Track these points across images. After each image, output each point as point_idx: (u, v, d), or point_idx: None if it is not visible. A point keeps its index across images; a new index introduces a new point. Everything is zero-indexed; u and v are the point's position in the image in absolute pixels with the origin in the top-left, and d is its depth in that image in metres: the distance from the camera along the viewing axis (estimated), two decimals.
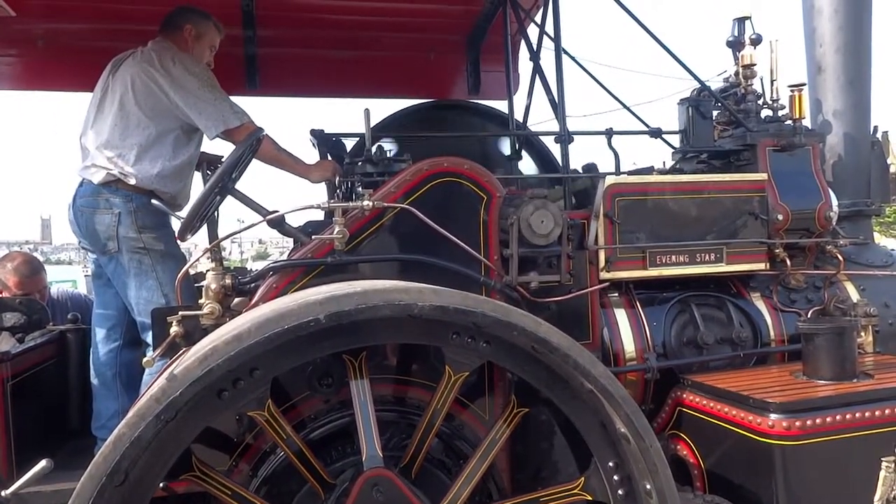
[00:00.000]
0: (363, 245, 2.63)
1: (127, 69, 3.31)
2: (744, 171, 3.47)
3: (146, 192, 3.23)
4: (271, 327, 1.92)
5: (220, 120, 3.21)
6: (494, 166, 4.03)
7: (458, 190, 2.73)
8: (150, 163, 3.25)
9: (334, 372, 2.47)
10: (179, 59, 3.27)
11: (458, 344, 2.16)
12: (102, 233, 3.21)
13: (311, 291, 2.18)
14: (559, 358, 2.14)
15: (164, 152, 3.27)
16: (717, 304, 3.29)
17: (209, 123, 3.21)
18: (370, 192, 2.63)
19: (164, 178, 3.26)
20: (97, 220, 3.22)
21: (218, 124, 3.21)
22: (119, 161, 3.22)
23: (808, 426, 2.48)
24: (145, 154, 3.24)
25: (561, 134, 3.28)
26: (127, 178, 3.22)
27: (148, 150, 3.24)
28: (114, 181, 3.23)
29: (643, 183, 3.17)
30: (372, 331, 2.09)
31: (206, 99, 3.21)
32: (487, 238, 2.75)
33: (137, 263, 3.19)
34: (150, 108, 3.26)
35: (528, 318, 2.15)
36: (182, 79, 3.21)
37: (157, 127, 3.26)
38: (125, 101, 3.27)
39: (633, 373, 3.06)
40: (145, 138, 3.25)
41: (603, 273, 3.01)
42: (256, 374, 1.99)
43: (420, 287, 2.12)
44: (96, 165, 3.25)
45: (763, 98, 3.73)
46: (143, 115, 3.25)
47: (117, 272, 3.23)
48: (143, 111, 3.26)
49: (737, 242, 3.23)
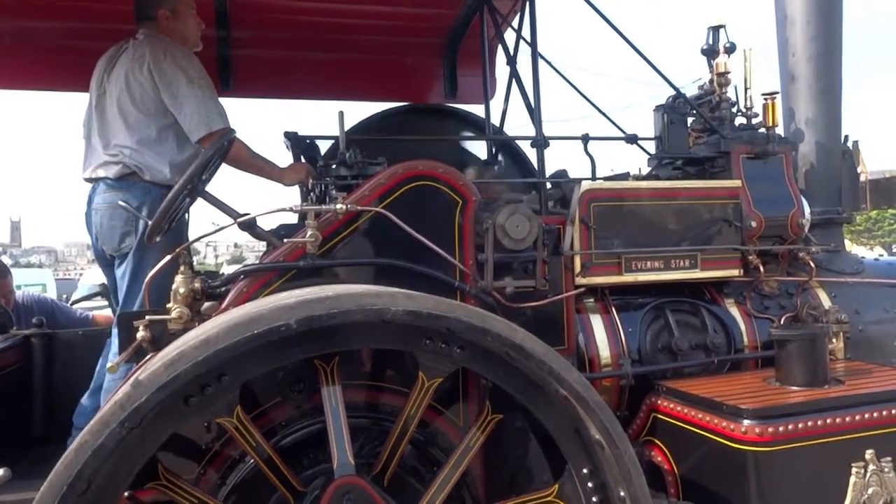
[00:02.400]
0: (336, 249, 2.61)
1: (121, 67, 3.29)
2: (718, 177, 3.49)
3: (164, 187, 3.19)
4: (241, 332, 1.89)
5: (204, 123, 3.17)
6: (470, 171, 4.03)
7: (434, 194, 2.71)
8: (157, 159, 3.22)
9: (306, 378, 2.44)
10: (171, 53, 3.23)
11: (432, 349, 2.14)
12: (120, 229, 3.17)
13: (282, 296, 2.15)
14: (534, 364, 2.13)
15: (168, 148, 3.25)
16: (691, 311, 3.31)
17: (192, 125, 3.18)
18: (344, 195, 2.62)
19: (177, 171, 3.23)
20: (115, 216, 3.17)
21: (201, 127, 3.17)
22: (132, 155, 3.19)
23: (781, 432, 2.49)
24: (150, 151, 3.22)
25: (537, 139, 3.28)
26: (142, 172, 3.19)
27: (152, 147, 3.23)
28: (129, 174, 3.20)
29: (619, 189, 3.17)
30: (344, 336, 2.06)
31: (191, 98, 3.17)
32: (463, 242, 2.74)
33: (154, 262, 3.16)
34: (146, 108, 3.23)
35: (502, 324, 2.14)
36: (170, 74, 3.18)
37: (156, 124, 3.24)
38: (122, 101, 3.25)
39: (608, 379, 3.05)
40: (147, 136, 3.23)
41: (578, 278, 3.01)
42: (225, 379, 1.95)
43: (393, 291, 2.10)
44: (109, 162, 3.22)
45: (737, 106, 3.77)
46: (140, 116, 3.23)
47: (127, 271, 3.19)
48: (140, 111, 3.23)
49: (711, 249, 3.24)
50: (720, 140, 3.55)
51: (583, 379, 2.20)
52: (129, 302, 3.23)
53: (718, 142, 3.55)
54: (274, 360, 2.03)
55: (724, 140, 3.53)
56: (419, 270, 2.63)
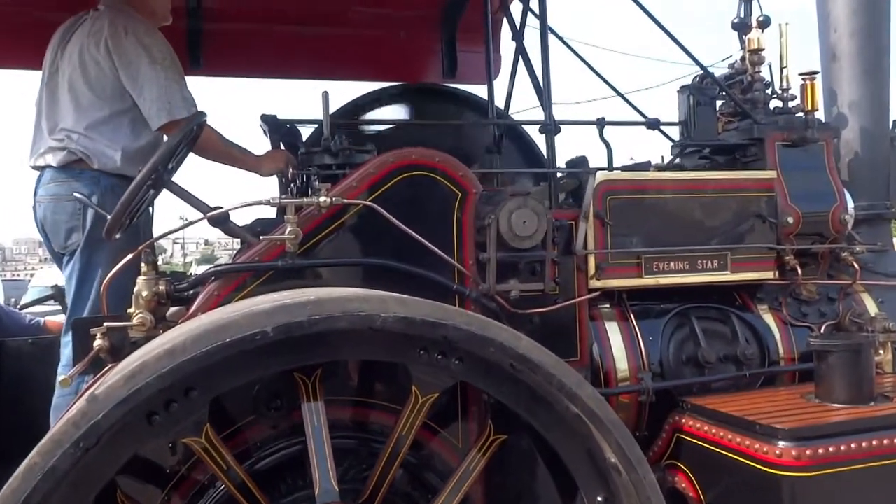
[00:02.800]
0: (319, 247, 2.61)
1: (76, 42, 3.27)
2: (750, 167, 3.49)
3: (114, 176, 3.18)
4: (210, 340, 1.89)
5: (165, 109, 3.16)
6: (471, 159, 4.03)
7: (429, 185, 2.72)
8: (108, 145, 3.21)
9: (284, 393, 2.44)
10: (132, 28, 3.21)
11: (427, 361, 2.14)
12: (65, 223, 3.17)
13: (257, 300, 2.16)
14: (542, 378, 2.13)
15: (122, 134, 3.25)
16: (720, 318, 3.31)
17: (153, 111, 3.17)
18: (328, 186, 2.61)
19: (129, 160, 3.22)
20: (60, 209, 3.17)
21: (162, 114, 3.16)
22: (80, 141, 3.18)
23: (821, 455, 2.48)
24: (101, 137, 3.21)
25: (546, 123, 3.28)
26: (90, 159, 3.18)
27: (104, 132, 3.22)
28: (76, 162, 3.19)
29: (639, 180, 3.17)
30: (327, 346, 2.06)
31: (153, 81, 3.16)
32: (462, 240, 2.74)
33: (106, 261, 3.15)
34: (101, 89, 3.23)
35: (506, 333, 2.14)
36: (131, 52, 3.17)
37: (111, 107, 3.24)
38: (74, 80, 3.24)
39: (626, 395, 3.05)
40: (99, 120, 3.22)
41: (592, 281, 3.01)
42: (193, 394, 1.95)
43: (383, 296, 2.10)
44: (53, 148, 3.21)
45: (772, 87, 3.76)
46: (94, 97, 3.23)
47: (75, 271, 3.19)
48: (94, 92, 3.23)
49: (742, 248, 3.25)
50: (753, 125, 3.54)
51: (597, 394, 2.20)
52: (77, 306, 3.21)
53: (751, 127, 3.55)
54: (248, 372, 2.03)
55: (757, 125, 3.52)
56: (412, 272, 2.62)
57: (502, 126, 4.30)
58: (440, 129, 4.23)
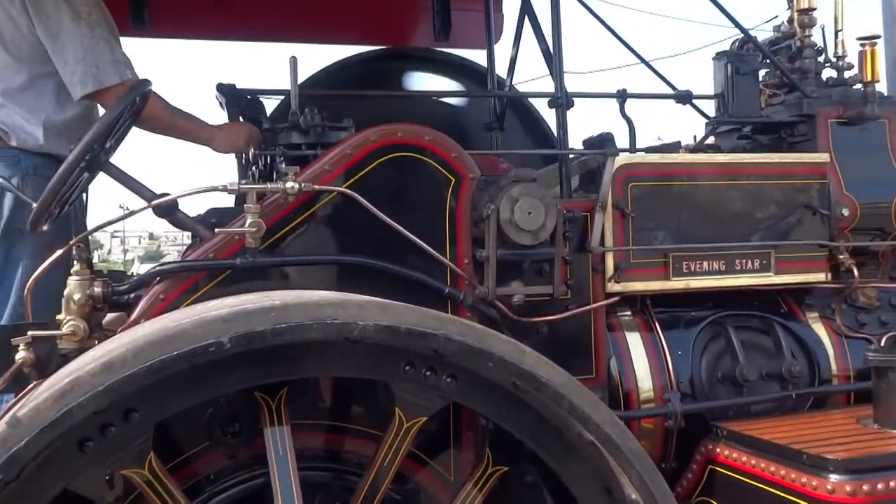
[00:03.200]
0: (286, 242, 2.61)
1: None
2: (799, 149, 3.51)
3: (36, 156, 3.17)
4: (155, 353, 1.89)
5: (91, 75, 3.14)
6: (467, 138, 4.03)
7: (417, 169, 2.72)
8: (28, 118, 3.20)
9: (243, 416, 2.44)
10: None
11: (414, 378, 2.14)
12: None
13: (212, 305, 2.15)
14: (550, 398, 2.13)
15: (45, 104, 3.23)
16: (762, 328, 3.32)
17: (76, 77, 3.14)
18: (296, 170, 2.60)
19: (55, 136, 3.21)
20: None
21: (87, 80, 3.14)
22: None
23: (880, 490, 2.49)
24: (19, 107, 3.20)
25: (557, 96, 3.28)
26: (7, 135, 3.17)
27: (21, 101, 3.21)
28: None
29: (666, 164, 3.18)
30: (295, 360, 2.07)
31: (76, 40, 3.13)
32: (455, 235, 2.74)
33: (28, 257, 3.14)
34: (17, 50, 3.21)
35: (508, 345, 2.14)
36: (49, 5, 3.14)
37: (30, 71, 3.22)
38: None
39: (651, 419, 3.06)
40: (16, 87, 3.20)
41: (611, 284, 3.02)
42: (134, 417, 1.95)
43: (362, 301, 2.10)
44: None
45: (825, 54, 3.77)
46: (10, 59, 3.21)
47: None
48: (9, 53, 3.21)
49: (789, 245, 3.25)
50: (802, 99, 3.55)
51: (615, 419, 2.20)
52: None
53: (800, 102, 3.56)
54: (200, 391, 2.02)
55: (807, 99, 3.53)
56: (396, 272, 2.63)
57: (504, 99, 4.29)
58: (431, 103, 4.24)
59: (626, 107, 3.60)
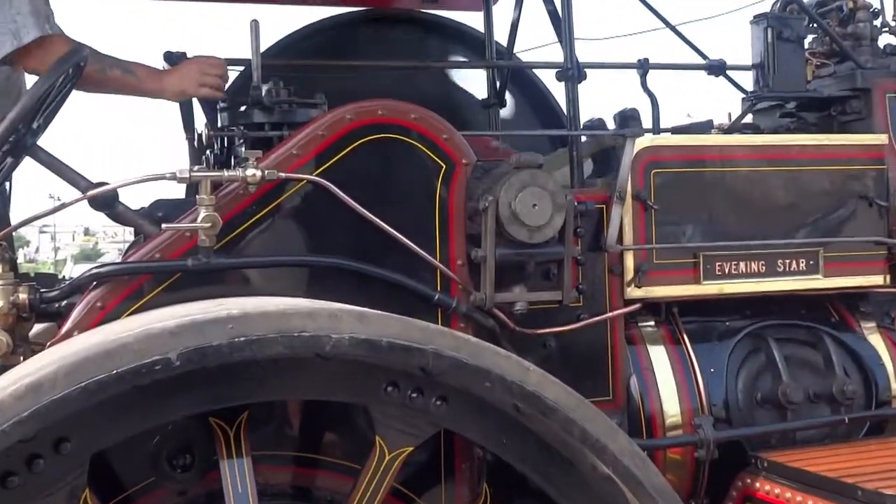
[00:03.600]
0: (246, 240, 2.61)
1: None
2: (852, 129, 3.53)
3: None
4: (91, 372, 1.89)
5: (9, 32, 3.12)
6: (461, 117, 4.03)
7: (402, 154, 2.72)
8: None
9: (196, 446, 2.44)
10: None
11: (397, 402, 2.15)
12: None
13: (158, 315, 2.15)
14: (558, 425, 2.14)
15: None
16: (809, 340, 3.33)
17: None
18: (258, 155, 2.60)
19: None
20: None
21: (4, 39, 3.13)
22: None
23: None
24: None
25: (567, 67, 3.29)
26: None
27: None
28: None
29: (696, 146, 3.19)
30: (256, 380, 2.07)
31: None
32: (447, 231, 2.75)
33: None
34: None
35: (509, 361, 2.14)
36: None
37: None
38: None
39: (678, 448, 3.07)
40: None
41: (631, 289, 3.03)
42: (66, 448, 1.95)
43: (335, 309, 2.10)
44: None
45: (882, 16, 3.79)
46: None
47: None
48: None
49: (841, 242, 3.27)
50: (855, 70, 3.57)
51: (636, 448, 2.21)
52: None
53: (853, 73, 3.58)
54: (144, 417, 2.02)
55: (861, 71, 3.55)
56: (377, 275, 2.63)
57: (505, 70, 4.30)
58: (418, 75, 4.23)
59: (649, 79, 3.60)
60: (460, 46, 4.51)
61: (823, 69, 3.79)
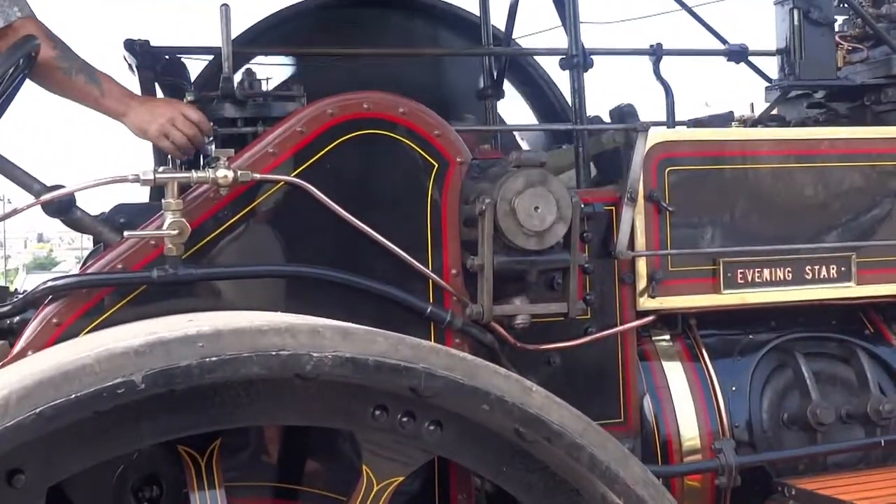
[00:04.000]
0: (217, 248, 2.61)
1: None
2: (888, 120, 3.54)
3: None
4: (47, 396, 1.88)
5: None
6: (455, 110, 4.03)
7: (389, 152, 2.73)
8: None
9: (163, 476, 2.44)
10: None
11: (386, 427, 2.14)
12: None
13: (120, 332, 2.15)
14: (564, 450, 2.14)
15: None
16: (840, 355, 3.34)
17: None
18: (230, 154, 2.61)
19: None
20: None
21: None
22: None
23: None
24: None
25: (572, 54, 3.29)
26: None
27: None
28: None
29: (715, 141, 3.20)
30: (229, 404, 2.06)
31: None
32: (440, 237, 2.75)
33: None
34: None
35: (509, 381, 2.14)
36: None
37: None
38: None
39: (696, 475, 3.08)
40: None
41: (644, 300, 3.04)
42: (19, 480, 1.94)
43: (316, 325, 2.10)
44: None
45: None
46: None
47: None
48: None
49: (875, 247, 3.28)
50: (891, 56, 3.58)
51: (650, 476, 2.21)
52: None
53: (888, 59, 3.59)
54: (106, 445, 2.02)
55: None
56: (363, 286, 2.63)
57: (503, 58, 4.31)
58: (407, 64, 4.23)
59: (663, 67, 3.61)
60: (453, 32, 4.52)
61: (855, 54, 3.80)
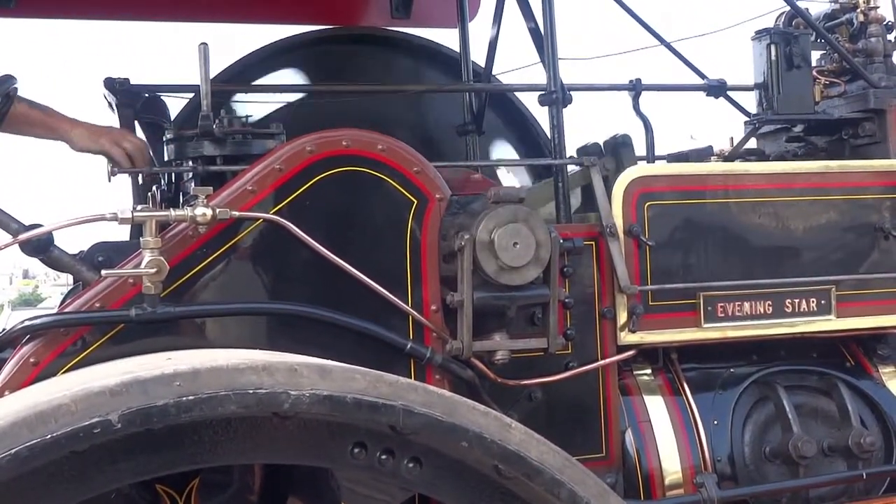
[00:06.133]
0: (196, 287, 2.61)
1: None
2: (865, 154, 3.56)
3: None
4: (22, 437, 1.88)
5: None
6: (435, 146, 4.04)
7: (369, 189, 2.73)
8: None
9: None
10: None
11: (365, 464, 2.13)
12: None
13: (98, 372, 2.15)
14: (544, 487, 2.14)
15: None
16: (821, 388, 3.35)
17: None
18: (210, 191, 2.61)
19: None
20: None
21: None
22: None
23: None
24: None
25: (551, 90, 3.31)
26: None
27: None
28: None
29: (694, 175, 3.22)
30: (207, 443, 2.05)
31: None
32: (419, 273, 2.76)
33: None
34: None
35: (488, 418, 2.14)
36: None
37: None
38: None
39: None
40: None
41: (624, 334, 3.04)
42: None
43: (294, 363, 2.10)
44: None
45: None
46: None
47: None
48: None
49: (855, 280, 3.29)
50: (868, 90, 3.60)
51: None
52: None
53: (865, 93, 3.61)
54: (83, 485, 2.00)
55: (874, 90, 3.59)
56: (343, 323, 2.63)
57: (483, 94, 4.32)
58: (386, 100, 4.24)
59: (643, 101, 3.62)
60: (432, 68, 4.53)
61: (833, 89, 3.82)
